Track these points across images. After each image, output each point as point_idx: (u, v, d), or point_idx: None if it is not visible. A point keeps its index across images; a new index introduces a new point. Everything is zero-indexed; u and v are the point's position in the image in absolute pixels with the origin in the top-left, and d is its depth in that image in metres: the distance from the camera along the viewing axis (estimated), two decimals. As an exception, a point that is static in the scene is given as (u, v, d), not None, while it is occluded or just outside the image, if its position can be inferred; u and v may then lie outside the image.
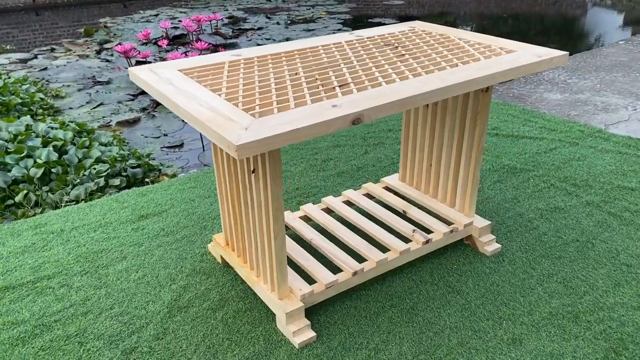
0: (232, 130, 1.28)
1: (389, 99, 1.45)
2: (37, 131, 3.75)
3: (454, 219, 2.08)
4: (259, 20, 8.13)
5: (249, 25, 7.84)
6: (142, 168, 3.52)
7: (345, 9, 9.01)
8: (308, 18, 8.24)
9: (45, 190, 3.11)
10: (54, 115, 4.51)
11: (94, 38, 7.45)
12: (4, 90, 4.68)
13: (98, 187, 3.15)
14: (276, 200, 1.55)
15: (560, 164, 2.69)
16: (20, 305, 1.83)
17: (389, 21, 8.06)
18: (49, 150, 3.37)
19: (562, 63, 1.82)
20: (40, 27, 9.05)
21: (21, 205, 2.90)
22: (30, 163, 3.27)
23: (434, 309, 1.78)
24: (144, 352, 1.63)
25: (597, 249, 2.06)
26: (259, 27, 7.64)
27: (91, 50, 6.82)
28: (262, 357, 1.61)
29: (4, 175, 3.11)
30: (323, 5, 9.34)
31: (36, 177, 3.17)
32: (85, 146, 3.62)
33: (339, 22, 7.96)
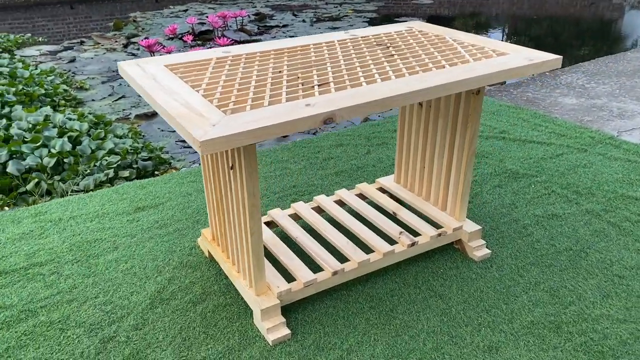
0: (199, 126, 1.29)
1: (364, 99, 1.44)
2: (54, 122, 3.84)
3: (443, 222, 2.06)
4: (285, 18, 8.16)
5: (274, 22, 7.87)
6: (153, 161, 3.58)
7: (372, 8, 8.97)
8: (334, 16, 8.23)
9: (56, 179, 3.19)
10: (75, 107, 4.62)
11: (122, 32, 7.60)
12: (29, 80, 4.81)
13: (107, 178, 3.21)
14: (252, 196, 1.56)
15: (564, 170, 2.63)
16: (10, 290, 1.88)
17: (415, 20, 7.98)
18: (63, 141, 3.45)
19: (554, 67, 1.78)
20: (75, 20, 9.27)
21: (32, 194, 2.99)
22: (44, 152, 3.36)
23: (413, 313, 1.77)
24: (120, 342, 1.66)
25: (590, 259, 2.01)
26: (284, 25, 7.67)
27: (119, 44, 6.96)
28: (234, 352, 1.62)
29: (18, 164, 3.20)
30: (350, 4, 9.31)
31: (49, 166, 3.25)
32: (100, 138, 3.70)
33: (364, 20, 7.93)
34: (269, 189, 2.51)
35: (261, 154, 2.87)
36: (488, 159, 2.74)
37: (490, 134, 3.02)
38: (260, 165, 2.73)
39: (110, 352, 1.63)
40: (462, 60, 1.75)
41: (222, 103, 1.43)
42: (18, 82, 4.75)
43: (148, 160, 3.60)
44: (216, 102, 1.43)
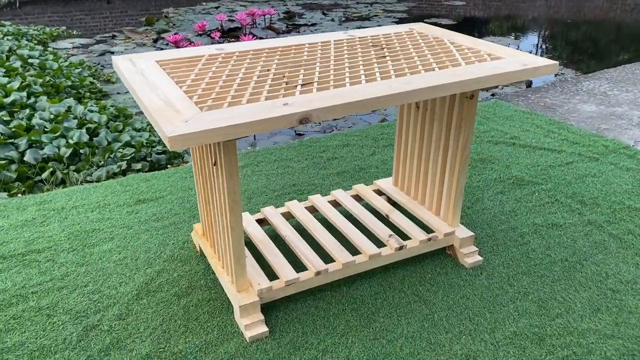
0: (172, 121, 1.31)
1: (343, 100, 1.43)
2: (75, 113, 3.94)
3: (436, 227, 2.03)
4: (314, 17, 8.17)
5: (303, 21, 7.89)
6: (167, 154, 3.64)
7: (403, 8, 8.90)
8: (364, 16, 8.20)
9: (72, 169, 3.27)
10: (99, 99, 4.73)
11: (154, 27, 7.74)
12: (57, 72, 4.95)
13: (120, 170, 3.28)
14: (232, 193, 1.58)
15: (572, 179, 2.56)
16: (6, 275, 1.94)
17: (445, 22, 7.90)
18: (81, 132, 3.54)
19: (549, 73, 1.74)
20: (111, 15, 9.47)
21: (46, 182, 3.07)
22: (62, 143, 3.45)
23: (395, 317, 1.75)
24: (103, 330, 1.70)
25: (585, 271, 1.95)
26: (312, 23, 7.68)
27: (149, 39, 7.09)
28: (211, 347, 1.64)
29: (35, 153, 3.30)
30: (381, 4, 9.27)
31: (65, 156, 3.34)
32: (118, 130, 3.78)
33: (394, 20, 7.88)
34: (268, 186, 2.52)
35: (266, 151, 2.88)
36: (494, 165, 2.69)
37: (501, 139, 2.96)
38: (264, 163, 2.74)
39: (91, 340, 1.66)
40: (454, 64, 1.72)
41: (201, 99, 1.44)
42: (46, 73, 4.89)
43: (162, 154, 3.66)
44: (196, 99, 1.45)
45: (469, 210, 2.33)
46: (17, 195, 2.84)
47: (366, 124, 4.30)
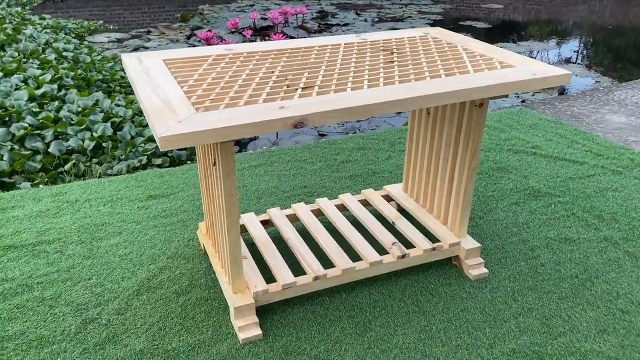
0: (166, 121, 1.31)
1: (340, 105, 1.42)
2: (102, 107, 4.02)
3: (442, 236, 1.99)
4: (347, 16, 8.14)
5: (336, 20, 7.88)
6: (188, 151, 3.68)
7: (438, 10, 8.79)
8: (397, 17, 8.13)
9: (94, 162, 3.34)
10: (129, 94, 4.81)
11: (188, 24, 7.84)
12: (90, 66, 5.05)
13: (141, 165, 3.33)
14: (229, 194, 1.57)
15: (592, 192, 2.48)
16: (15, 264, 1.99)
17: (480, 25, 7.77)
18: (105, 126, 3.60)
19: (561, 83, 1.68)
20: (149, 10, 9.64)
21: (67, 174, 3.14)
22: (87, 135, 3.52)
23: (391, 326, 1.72)
24: (101, 324, 1.72)
25: (596, 289, 1.88)
26: (345, 23, 7.66)
27: (182, 35, 7.18)
28: (204, 347, 1.64)
29: (60, 145, 3.38)
30: (417, 5, 9.17)
31: (89, 149, 3.40)
32: (142, 125, 3.84)
33: (428, 22, 7.79)
34: (279, 187, 2.52)
35: (280, 151, 2.88)
36: (512, 174, 2.63)
37: (521, 148, 2.89)
38: (277, 163, 2.74)
39: (89, 332, 1.69)
40: (462, 71, 1.68)
41: (200, 100, 1.44)
42: (79, 66, 5.00)
43: (183, 150, 3.70)
44: (194, 99, 1.45)
45: (480, 220, 2.28)
46: (39, 185, 2.90)
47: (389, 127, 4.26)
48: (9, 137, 3.43)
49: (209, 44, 5.97)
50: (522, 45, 6.75)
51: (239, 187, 2.52)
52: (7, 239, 2.12)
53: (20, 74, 4.42)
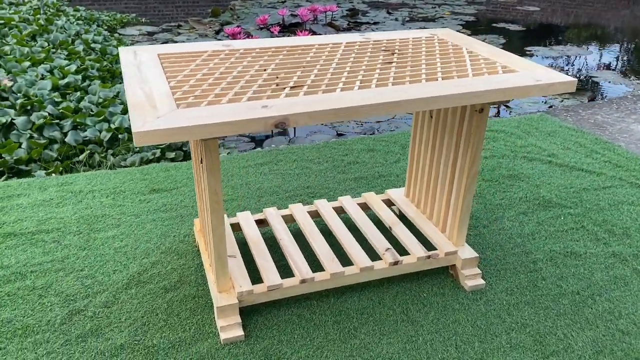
0: (144, 117, 1.29)
1: (325, 107, 1.38)
2: (122, 99, 4.06)
3: (438, 244, 1.93)
4: (378, 15, 8.06)
5: (366, 19, 7.81)
6: (203, 145, 3.68)
7: (472, 11, 8.62)
8: (429, 17, 8.01)
9: (109, 153, 3.38)
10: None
11: (219, 19, 7.88)
12: (116, 58, 5.12)
13: (154, 157, 3.35)
14: (214, 193, 1.55)
15: (605, 205, 2.37)
16: (13, 252, 2.01)
17: (514, 28, 7.59)
18: (123, 117, 3.63)
19: (566, 90, 1.60)
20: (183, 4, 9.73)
21: (78, 164, 3.18)
22: (105, 127, 3.56)
23: (377, 335, 1.68)
24: (87, 316, 1.73)
25: (597, 307, 1.80)
26: (374, 22, 7.58)
27: (211, 30, 7.23)
28: (184, 345, 1.63)
29: (77, 135, 3.42)
30: (450, 5, 9.02)
31: (105, 140, 3.44)
32: (159, 118, 3.85)
33: (459, 23, 7.64)
34: (282, 186, 2.49)
35: (288, 150, 2.85)
36: (523, 183, 2.54)
37: (537, 155, 2.79)
38: (283, 162, 2.71)
39: (73, 324, 1.69)
40: (461, 74, 1.62)
41: (184, 96, 1.42)
42: (106, 58, 5.08)
43: (198, 144, 3.71)
44: (179, 95, 1.43)
45: (484, 229, 2.20)
46: (51, 174, 2.95)
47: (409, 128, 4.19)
48: (29, 125, 3.50)
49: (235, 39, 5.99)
50: (556, 50, 6.56)
51: (242, 184, 2.50)
52: (9, 226, 2.15)
53: (47, 64, 4.51)
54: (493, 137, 2.99)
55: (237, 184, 2.51)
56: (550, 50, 6.51)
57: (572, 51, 6.56)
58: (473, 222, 2.24)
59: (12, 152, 3.19)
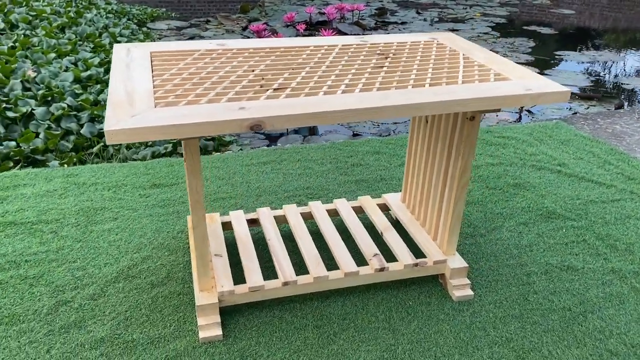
0: (118, 115, 1.31)
1: (300, 111, 1.37)
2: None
3: (428, 252, 1.90)
4: (407, 15, 7.98)
5: (394, 18, 7.74)
6: (216, 141, 3.72)
7: (504, 13, 8.46)
8: (459, 18, 7.89)
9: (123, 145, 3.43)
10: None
11: (247, 15, 7.93)
12: (140, 52, 5.19)
13: (166, 152, 3.40)
14: (194, 192, 1.56)
15: (612, 219, 2.30)
16: (10, 240, 2.06)
17: (546, 31, 7.41)
18: (138, 111, 3.67)
19: (559, 100, 1.55)
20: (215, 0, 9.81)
21: (90, 155, 3.24)
22: (119, 120, 3.60)
23: (356, 342, 1.66)
24: (72, 308, 1.76)
25: (587, 325, 1.74)
26: (403, 22, 7.51)
27: (239, 27, 7.27)
28: (163, 341, 1.64)
29: (92, 127, 3.49)
30: (482, 6, 8.86)
31: (119, 133, 3.48)
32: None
33: (489, 25, 7.51)
34: (282, 186, 2.49)
35: (293, 150, 2.85)
36: (528, 192, 2.48)
37: (546, 164, 2.72)
38: (287, 162, 2.71)
39: (59, 315, 1.73)
40: (450, 81, 1.59)
41: (164, 95, 1.43)
42: (130, 52, 5.15)
43: (211, 140, 3.74)
44: (160, 93, 1.44)
45: (481, 238, 2.16)
46: (64, 165, 3.01)
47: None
48: (48, 116, 3.58)
49: (260, 37, 6.02)
50: (587, 55, 6.38)
51: (242, 182, 2.51)
52: (10, 215, 2.21)
53: (72, 56, 4.60)
54: (503, 144, 2.93)
55: (238, 182, 2.51)
56: (581, 55, 6.34)
57: (604, 56, 6.37)
58: (470, 231, 2.20)
59: (29, 142, 3.27)
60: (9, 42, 4.71)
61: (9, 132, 3.42)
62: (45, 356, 1.58)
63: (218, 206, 2.33)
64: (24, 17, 5.45)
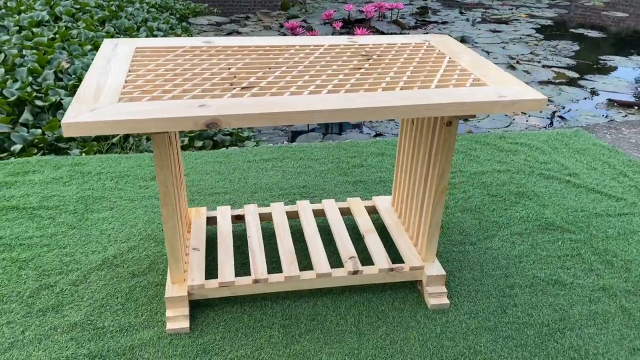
0: (79, 108, 1.35)
1: (260, 110, 1.37)
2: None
3: (406, 258, 1.87)
4: (449, 15, 7.84)
5: (436, 18, 7.62)
6: (233, 137, 3.77)
7: (551, 14, 8.18)
8: (503, 19, 7.69)
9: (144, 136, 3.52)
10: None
11: (287, 12, 7.97)
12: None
13: (183, 144, 3.47)
14: (163, 186, 1.59)
15: (614, 233, 2.19)
16: (10, 224, 2.16)
17: (593, 34, 7.13)
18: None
19: (534, 109, 1.50)
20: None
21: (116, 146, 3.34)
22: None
23: (320, 343, 1.65)
24: (54, 292, 1.82)
25: (564, 343, 1.67)
26: (443, 22, 7.39)
27: (277, 23, 7.33)
28: (132, 330, 1.68)
29: (114, 118, 3.58)
30: (530, 7, 8.60)
31: (140, 124, 3.58)
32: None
33: (534, 27, 7.29)
34: (279, 184, 2.50)
35: (297, 148, 2.85)
36: (531, 202, 2.40)
37: (556, 173, 2.62)
38: (288, 160, 2.72)
39: (40, 297, 1.80)
40: (423, 85, 1.56)
41: (132, 90, 1.46)
42: (164, 45, 5.27)
43: (229, 135, 3.79)
44: (128, 89, 1.48)
45: (471, 246, 2.11)
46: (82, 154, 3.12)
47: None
48: (75, 106, 3.70)
49: (294, 34, 6.05)
50: (634, 60, 6.10)
51: (240, 178, 2.54)
52: (15, 200, 2.31)
53: (106, 49, 4.74)
54: (514, 151, 2.84)
55: (236, 178, 2.54)
56: (628, 60, 6.07)
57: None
58: (461, 238, 2.15)
59: (54, 130, 3.40)
60: (50, 33, 4.91)
61: (37, 120, 3.56)
62: (19, 337, 1.65)
63: (212, 201, 2.36)
64: (68, 9, 5.67)
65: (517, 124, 4.34)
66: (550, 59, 5.93)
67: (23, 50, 4.37)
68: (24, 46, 4.48)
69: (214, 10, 7.99)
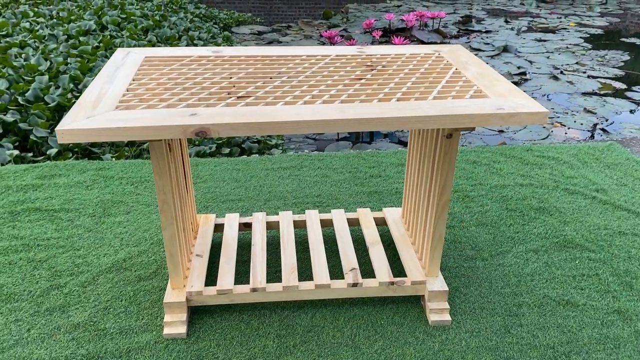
0: (76, 115, 1.39)
1: (249, 120, 1.38)
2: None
3: (409, 272, 1.83)
4: (493, 24, 7.69)
5: (480, 27, 7.48)
6: (261, 144, 3.81)
7: (602, 23, 7.90)
8: (550, 27, 7.48)
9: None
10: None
11: (329, 21, 8.01)
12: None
13: (210, 152, 3.53)
14: (162, 193, 1.62)
15: (637, 253, 2.08)
16: (31, 225, 2.24)
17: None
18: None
19: (535, 122, 1.44)
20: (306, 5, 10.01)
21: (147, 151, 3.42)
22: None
23: (313, 356, 1.64)
24: (63, 292, 1.88)
25: (568, 368, 1.60)
26: (487, 30, 7.25)
27: (317, 32, 7.37)
28: (131, 332, 1.72)
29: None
30: (580, 16, 8.33)
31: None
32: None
33: (582, 36, 7.05)
34: (293, 192, 2.50)
35: (316, 157, 2.85)
36: (550, 218, 2.31)
37: (582, 189, 2.52)
38: (306, 168, 2.72)
39: (49, 298, 1.86)
40: (420, 97, 1.53)
41: (130, 98, 1.50)
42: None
43: (256, 142, 3.83)
44: (127, 97, 1.51)
45: (482, 262, 2.04)
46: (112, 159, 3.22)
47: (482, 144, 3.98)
48: (111, 112, 3.82)
49: (332, 43, 6.07)
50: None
51: (256, 186, 2.56)
52: (38, 202, 2.40)
53: (146, 57, 4.89)
54: (540, 164, 2.75)
55: (252, 185, 2.56)
56: (679, 72, 5.77)
57: None
58: (473, 254, 2.09)
59: (88, 135, 3.51)
60: (95, 42, 5.10)
61: (74, 125, 3.69)
62: (24, 335, 1.71)
63: (225, 208, 2.38)
64: (114, 19, 5.88)
65: (555, 136, 4.21)
66: (597, 69, 5.72)
67: (68, 58, 4.56)
68: (69, 54, 4.67)
69: (257, 19, 8.11)
